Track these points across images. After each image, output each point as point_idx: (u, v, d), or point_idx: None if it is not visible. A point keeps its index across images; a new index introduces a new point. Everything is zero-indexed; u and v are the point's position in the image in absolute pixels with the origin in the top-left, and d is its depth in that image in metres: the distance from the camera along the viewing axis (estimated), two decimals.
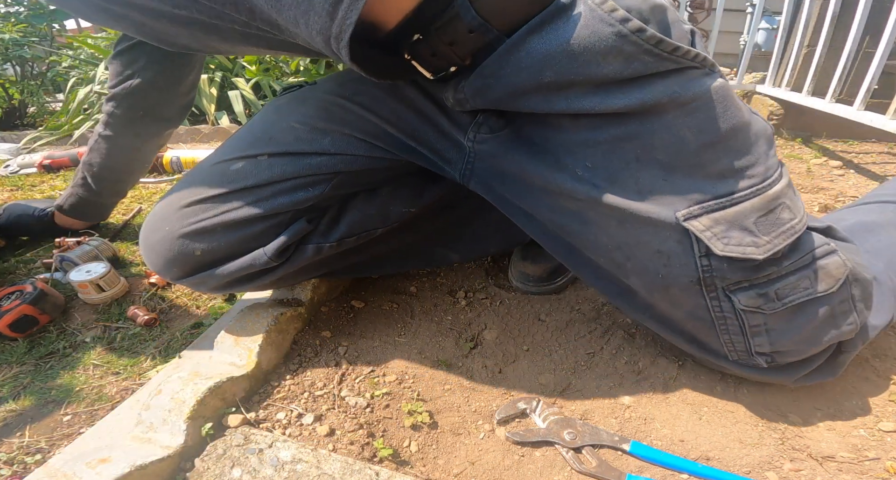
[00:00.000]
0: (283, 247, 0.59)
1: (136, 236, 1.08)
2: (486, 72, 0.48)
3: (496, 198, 0.62)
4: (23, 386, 0.67)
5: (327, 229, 0.63)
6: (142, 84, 0.88)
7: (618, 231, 0.52)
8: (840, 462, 0.52)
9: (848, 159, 1.50)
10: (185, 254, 0.59)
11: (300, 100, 0.63)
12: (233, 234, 0.58)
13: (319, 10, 0.38)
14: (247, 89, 1.98)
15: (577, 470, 0.52)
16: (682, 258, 0.51)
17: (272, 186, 0.58)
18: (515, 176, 0.57)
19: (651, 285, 0.55)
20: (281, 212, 0.58)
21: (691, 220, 0.48)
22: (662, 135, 0.48)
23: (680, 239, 0.50)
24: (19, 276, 0.93)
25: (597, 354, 0.69)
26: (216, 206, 0.58)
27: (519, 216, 0.62)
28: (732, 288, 0.51)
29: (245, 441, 0.52)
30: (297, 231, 0.60)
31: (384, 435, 0.57)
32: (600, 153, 0.50)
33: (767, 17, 3.01)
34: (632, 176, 0.49)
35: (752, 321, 0.53)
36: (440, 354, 0.70)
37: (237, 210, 0.57)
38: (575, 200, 0.53)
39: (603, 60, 0.44)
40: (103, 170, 0.97)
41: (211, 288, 0.63)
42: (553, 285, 0.81)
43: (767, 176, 0.50)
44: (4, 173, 1.52)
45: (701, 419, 0.58)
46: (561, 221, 0.56)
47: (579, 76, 0.45)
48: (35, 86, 2.50)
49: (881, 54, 1.20)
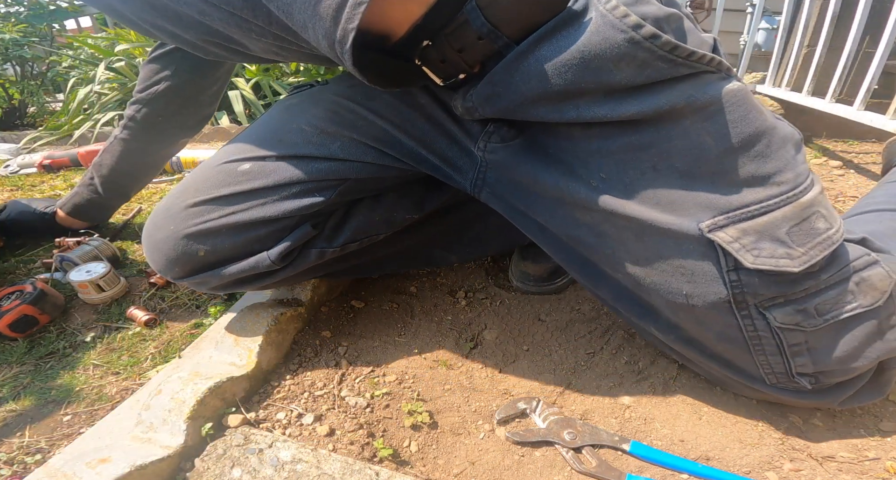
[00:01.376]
0: (287, 252, 0.59)
1: (137, 236, 1.08)
2: (494, 79, 0.47)
3: (508, 209, 0.60)
4: (23, 386, 0.67)
5: (331, 234, 0.63)
6: (168, 90, 0.89)
7: (636, 245, 0.50)
8: (840, 462, 0.52)
9: (848, 159, 1.50)
10: (189, 254, 0.59)
11: (311, 101, 0.62)
12: (237, 237, 0.58)
13: (324, 14, 0.38)
14: (247, 89, 1.98)
15: (577, 470, 0.52)
16: (707, 274, 0.47)
17: (279, 190, 0.57)
18: (528, 186, 0.55)
19: (675, 304, 0.51)
20: (287, 216, 0.58)
21: (716, 232, 0.45)
22: (680, 141, 0.45)
23: (704, 252, 0.47)
24: (19, 276, 0.93)
25: (597, 354, 0.69)
26: (222, 208, 0.57)
27: (532, 229, 0.60)
28: (766, 304, 0.48)
29: (245, 441, 0.52)
30: (302, 235, 0.59)
31: (384, 435, 0.57)
32: (614, 163, 0.48)
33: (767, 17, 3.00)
34: (649, 185, 0.47)
35: (792, 339, 0.49)
36: (440, 354, 0.70)
37: (243, 212, 0.57)
38: (590, 212, 0.51)
39: (615, 67, 0.43)
40: (113, 172, 0.98)
41: (212, 287, 0.63)
42: (553, 285, 0.81)
43: (798, 182, 0.47)
44: (4, 173, 1.52)
45: (701, 419, 0.58)
46: (576, 234, 0.54)
47: (590, 84, 0.44)
48: (35, 86, 2.50)
49: (881, 54, 1.20)
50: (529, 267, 0.82)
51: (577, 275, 0.61)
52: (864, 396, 0.54)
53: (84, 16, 3.00)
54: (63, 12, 2.67)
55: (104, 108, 1.98)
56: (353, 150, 0.58)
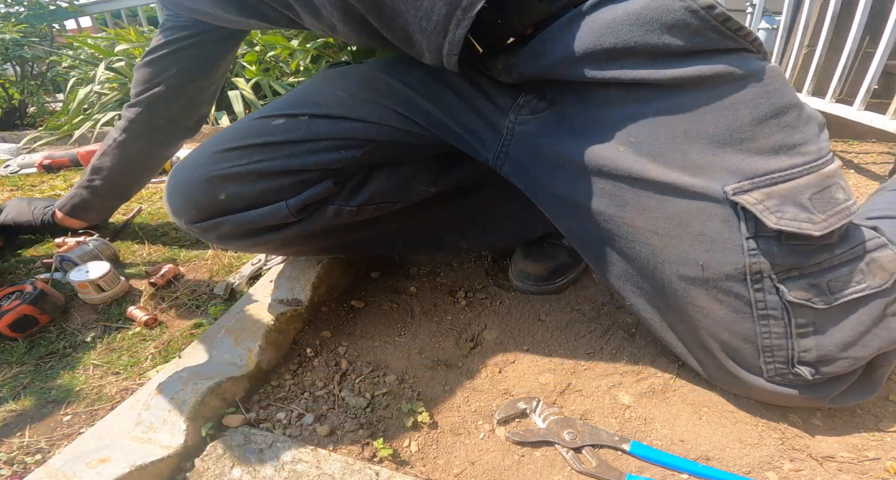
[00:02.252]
0: (306, 204, 0.60)
1: (137, 236, 1.08)
2: (546, 37, 0.49)
3: (528, 182, 0.62)
4: (23, 386, 0.67)
5: (350, 193, 0.64)
6: (167, 92, 0.90)
7: (657, 213, 0.51)
8: (840, 462, 0.52)
9: (848, 159, 1.50)
10: (209, 197, 0.60)
11: (347, 74, 0.66)
12: (260, 184, 0.59)
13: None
14: (247, 89, 1.98)
15: (577, 470, 0.52)
16: (727, 241, 0.48)
17: (308, 144, 0.59)
18: (553, 157, 0.56)
19: (688, 279, 0.51)
20: (311, 169, 0.60)
21: (741, 195, 0.46)
22: (715, 107, 0.47)
23: (727, 217, 0.48)
24: (19, 276, 0.93)
25: (597, 354, 0.69)
26: (250, 156, 0.59)
27: (551, 204, 0.61)
28: (782, 276, 0.48)
29: (245, 441, 0.52)
30: (322, 190, 0.61)
31: (384, 435, 0.57)
32: (647, 127, 0.49)
33: (767, 17, 3.00)
34: (678, 149, 0.48)
35: (801, 318, 0.49)
36: (440, 354, 0.70)
37: (270, 161, 0.59)
38: (614, 179, 0.52)
39: (668, 32, 0.45)
40: (113, 173, 0.98)
41: (222, 234, 0.63)
42: (553, 285, 0.81)
43: (821, 155, 0.48)
44: (4, 173, 1.52)
45: (701, 419, 0.58)
46: (596, 206, 0.55)
47: (639, 45, 0.46)
48: (35, 86, 2.51)
49: (881, 54, 1.20)
50: (529, 266, 0.82)
51: (588, 254, 0.62)
52: (853, 395, 0.54)
53: (84, 16, 3.01)
54: (63, 12, 2.67)
55: (104, 108, 1.98)
56: (383, 115, 0.61)
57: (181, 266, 0.95)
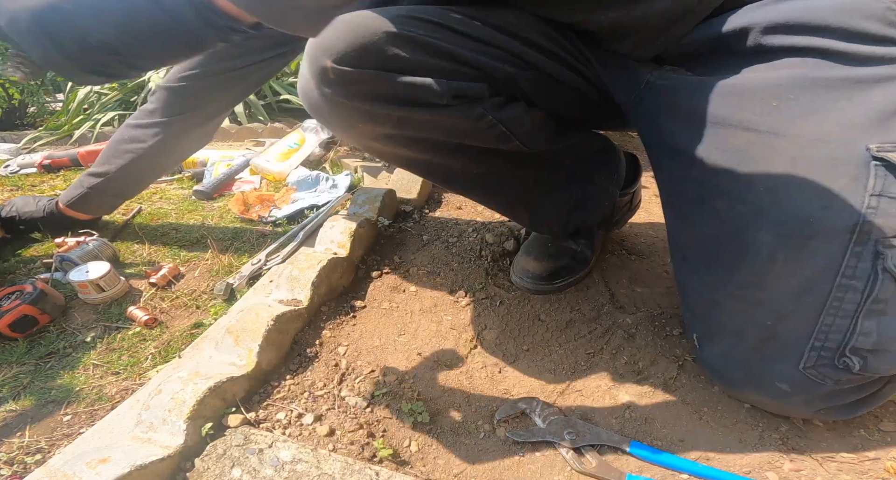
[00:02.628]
0: (461, 93, 0.61)
1: (137, 236, 1.08)
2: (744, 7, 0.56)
3: (651, 129, 0.66)
4: (23, 386, 0.67)
5: (497, 106, 0.66)
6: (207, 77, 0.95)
7: (784, 169, 0.52)
8: (840, 462, 0.52)
9: None
10: (378, 46, 0.58)
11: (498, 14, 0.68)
12: (430, 59, 0.60)
13: None
14: None
15: (577, 470, 0.52)
16: (849, 196, 0.49)
17: (484, 45, 0.62)
18: (690, 110, 0.59)
19: (788, 237, 0.52)
20: (477, 66, 0.62)
21: (886, 153, 0.48)
22: (875, 83, 0.50)
23: (857, 174, 0.49)
24: (19, 276, 0.93)
25: (597, 354, 0.69)
26: (434, 31, 0.60)
27: (661, 153, 0.65)
28: (888, 242, 0.48)
29: (245, 441, 0.52)
30: (478, 89, 0.63)
31: (384, 435, 0.57)
32: (807, 92, 0.53)
33: None
34: (827, 117, 0.51)
35: (882, 293, 0.49)
36: (440, 354, 0.70)
37: (449, 43, 0.60)
38: (750, 133, 0.54)
39: (866, 19, 0.51)
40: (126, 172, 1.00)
41: (372, 90, 0.60)
42: (552, 286, 0.81)
43: None
44: (4, 173, 1.52)
45: (701, 419, 0.58)
46: (715, 159, 0.57)
47: (835, 24, 0.52)
48: (35, 86, 2.50)
49: None
50: (531, 264, 0.82)
51: (674, 211, 0.66)
52: (857, 408, 0.55)
53: None
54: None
55: (104, 108, 1.98)
56: (549, 46, 0.65)
57: (181, 266, 0.95)
